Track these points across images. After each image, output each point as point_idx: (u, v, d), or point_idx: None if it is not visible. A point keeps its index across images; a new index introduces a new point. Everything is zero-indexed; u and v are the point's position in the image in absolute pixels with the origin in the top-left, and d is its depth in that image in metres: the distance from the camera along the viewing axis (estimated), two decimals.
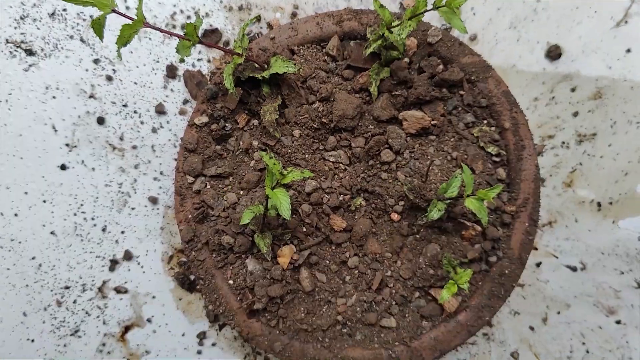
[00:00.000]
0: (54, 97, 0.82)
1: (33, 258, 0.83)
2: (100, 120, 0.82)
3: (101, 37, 0.62)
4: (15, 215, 0.83)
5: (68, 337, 0.84)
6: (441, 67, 0.71)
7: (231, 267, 0.72)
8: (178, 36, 0.64)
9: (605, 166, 0.81)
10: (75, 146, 0.82)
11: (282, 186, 0.60)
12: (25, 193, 0.83)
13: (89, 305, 0.84)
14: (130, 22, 0.60)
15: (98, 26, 0.62)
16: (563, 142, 0.81)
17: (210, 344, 0.83)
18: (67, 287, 0.84)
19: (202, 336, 0.83)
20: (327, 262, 0.71)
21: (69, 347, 0.84)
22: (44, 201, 0.83)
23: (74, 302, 0.84)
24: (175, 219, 0.73)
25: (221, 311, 0.72)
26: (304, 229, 0.70)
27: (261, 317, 0.71)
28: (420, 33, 0.71)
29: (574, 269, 0.82)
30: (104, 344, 0.84)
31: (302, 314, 0.71)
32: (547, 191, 0.81)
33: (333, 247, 0.71)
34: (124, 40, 0.61)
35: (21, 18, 0.82)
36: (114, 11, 0.61)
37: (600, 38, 0.80)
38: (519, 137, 0.70)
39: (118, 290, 0.84)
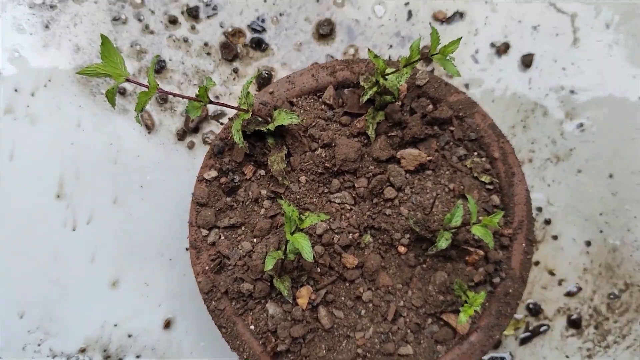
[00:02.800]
0: None
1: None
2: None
3: (113, 104, 0.66)
4: None
5: None
6: (431, 106, 0.76)
7: (251, 313, 0.75)
8: (190, 98, 0.68)
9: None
10: None
11: (300, 231, 0.64)
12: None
13: None
14: (145, 89, 0.64)
15: (111, 95, 0.65)
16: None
17: None
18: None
19: None
20: (343, 298, 0.75)
21: None
22: None
23: None
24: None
25: (245, 357, 0.74)
26: (319, 270, 0.74)
27: (284, 359, 0.74)
28: (408, 77, 0.76)
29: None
30: None
31: (324, 351, 0.74)
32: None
33: (347, 284, 0.75)
34: (141, 106, 0.64)
35: None
36: (127, 80, 0.64)
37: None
38: (508, 165, 0.76)
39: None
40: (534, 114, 0.89)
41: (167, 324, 0.89)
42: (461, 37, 0.63)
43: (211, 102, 0.68)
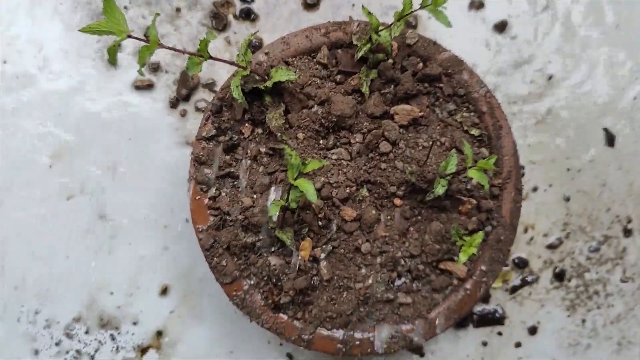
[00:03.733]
0: None
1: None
2: None
3: (114, 63, 0.67)
4: None
5: None
6: (421, 64, 0.79)
7: (252, 268, 0.76)
8: (190, 53, 0.69)
9: None
10: None
11: (303, 176, 0.66)
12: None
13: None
14: (147, 44, 0.65)
15: (113, 52, 0.66)
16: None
17: None
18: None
19: None
20: (342, 250, 0.77)
21: None
22: None
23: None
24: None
25: (247, 312, 0.76)
26: (319, 223, 0.76)
27: (287, 311, 0.76)
28: (399, 37, 0.79)
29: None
30: None
31: (325, 302, 0.76)
32: None
33: (346, 236, 0.77)
34: (143, 60, 0.65)
35: None
36: (129, 36, 0.65)
37: None
38: (496, 118, 0.80)
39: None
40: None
41: (164, 291, 0.89)
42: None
43: (211, 58, 0.69)
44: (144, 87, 0.90)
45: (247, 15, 0.92)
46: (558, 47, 0.93)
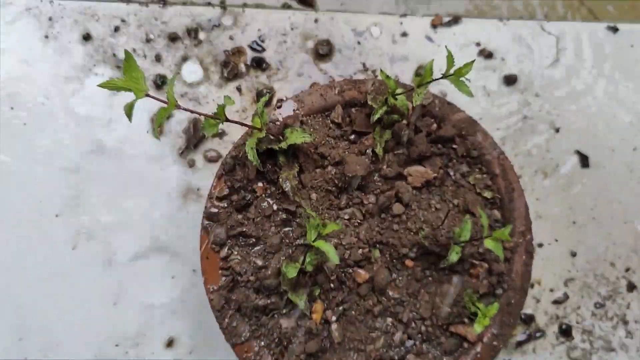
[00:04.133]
0: None
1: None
2: None
3: (130, 119, 0.66)
4: None
5: None
6: (435, 125, 0.79)
7: (263, 329, 0.75)
8: (207, 116, 0.68)
9: None
10: None
11: (322, 238, 0.67)
12: None
13: None
14: (165, 105, 0.65)
15: (129, 110, 0.66)
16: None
17: None
18: None
19: None
20: (354, 312, 0.77)
21: None
22: None
23: None
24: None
25: None
26: (331, 285, 0.76)
27: None
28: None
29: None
30: None
31: None
32: None
33: (357, 298, 0.77)
34: (159, 122, 0.65)
35: None
36: (147, 95, 0.65)
37: None
38: (508, 181, 0.80)
39: None
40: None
41: (170, 344, 0.88)
42: (474, 60, 0.66)
43: (227, 120, 0.69)
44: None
45: (259, 64, 0.91)
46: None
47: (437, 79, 0.68)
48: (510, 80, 0.95)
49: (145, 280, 0.89)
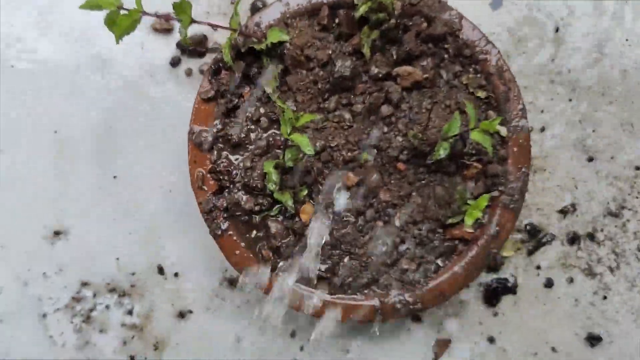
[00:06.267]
0: None
1: None
2: None
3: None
4: None
5: None
6: (425, 24, 0.77)
7: (253, 232, 0.75)
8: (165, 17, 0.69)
9: None
10: None
11: (297, 131, 0.66)
12: None
13: None
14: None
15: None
16: None
17: None
18: None
19: None
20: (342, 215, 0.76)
21: None
22: None
23: None
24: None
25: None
26: (319, 187, 0.75)
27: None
28: None
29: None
30: None
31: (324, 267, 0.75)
32: None
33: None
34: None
35: None
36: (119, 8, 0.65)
37: None
38: (504, 80, 0.77)
39: None
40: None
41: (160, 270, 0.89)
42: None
43: (194, 22, 0.69)
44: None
45: None
46: None
47: None
48: None
49: (144, 194, 0.90)
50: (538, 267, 0.89)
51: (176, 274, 0.88)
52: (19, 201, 0.88)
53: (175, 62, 0.90)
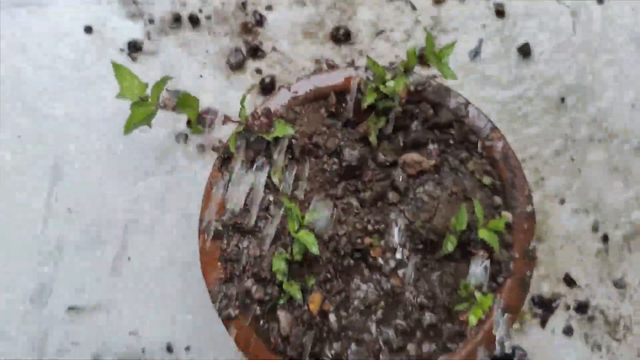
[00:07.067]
0: None
1: None
2: None
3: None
4: None
5: None
6: (431, 111, 0.78)
7: (262, 321, 0.77)
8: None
9: None
10: None
11: (304, 228, 0.68)
12: None
13: None
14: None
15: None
16: None
17: None
18: None
19: None
20: (351, 301, 0.77)
21: None
22: None
23: None
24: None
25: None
26: (328, 275, 0.76)
27: None
28: (408, 82, 0.78)
29: None
30: None
31: (333, 354, 0.76)
32: None
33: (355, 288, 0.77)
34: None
35: None
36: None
37: None
38: (510, 166, 0.78)
39: None
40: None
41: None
42: (456, 41, 0.64)
43: (200, 115, 0.72)
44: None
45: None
46: None
47: (421, 63, 0.67)
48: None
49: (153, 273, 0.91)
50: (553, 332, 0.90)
51: (187, 348, 0.90)
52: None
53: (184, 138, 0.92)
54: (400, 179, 0.77)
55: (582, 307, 0.89)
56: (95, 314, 0.89)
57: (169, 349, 0.89)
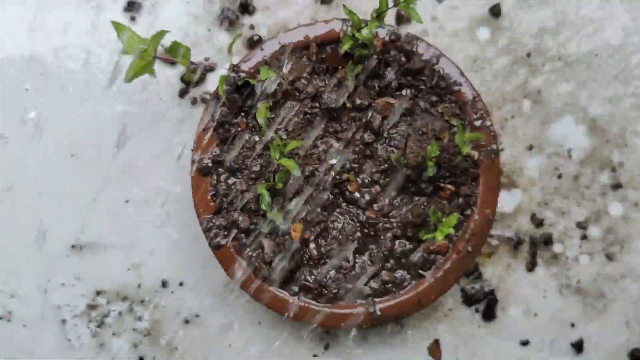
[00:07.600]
0: None
1: None
2: None
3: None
4: None
5: None
6: (404, 59, 0.85)
7: (248, 249, 0.84)
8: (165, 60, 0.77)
9: None
10: None
11: (285, 156, 0.76)
12: None
13: None
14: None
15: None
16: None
17: None
18: None
19: None
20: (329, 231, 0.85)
21: None
22: None
23: None
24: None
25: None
26: (309, 207, 0.83)
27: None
28: (386, 33, 0.85)
29: None
30: None
31: (312, 278, 0.84)
32: None
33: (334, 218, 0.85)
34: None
35: None
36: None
37: None
38: (476, 108, 0.84)
39: None
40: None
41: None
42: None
43: (193, 63, 0.78)
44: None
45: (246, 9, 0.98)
46: None
47: (389, 8, 0.73)
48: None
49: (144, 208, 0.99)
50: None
51: (181, 284, 0.97)
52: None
53: (182, 93, 0.99)
54: (375, 121, 0.84)
55: (547, 242, 0.96)
56: (95, 251, 0.97)
57: (164, 284, 0.96)
